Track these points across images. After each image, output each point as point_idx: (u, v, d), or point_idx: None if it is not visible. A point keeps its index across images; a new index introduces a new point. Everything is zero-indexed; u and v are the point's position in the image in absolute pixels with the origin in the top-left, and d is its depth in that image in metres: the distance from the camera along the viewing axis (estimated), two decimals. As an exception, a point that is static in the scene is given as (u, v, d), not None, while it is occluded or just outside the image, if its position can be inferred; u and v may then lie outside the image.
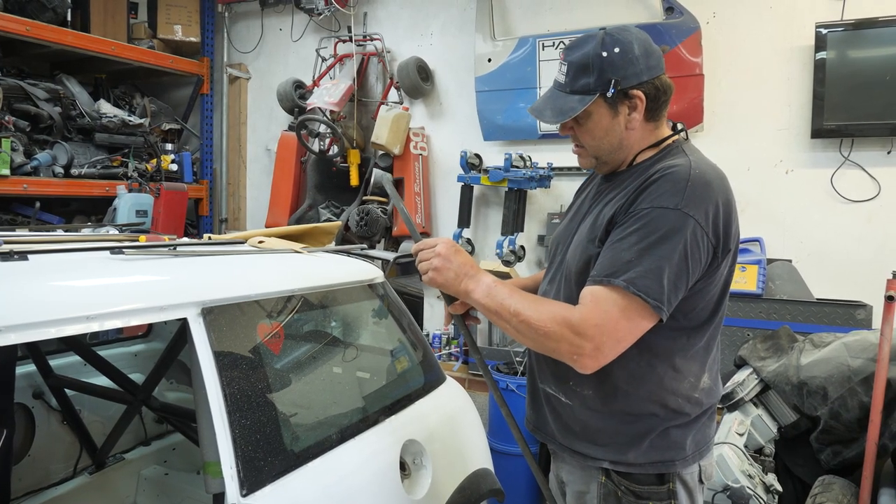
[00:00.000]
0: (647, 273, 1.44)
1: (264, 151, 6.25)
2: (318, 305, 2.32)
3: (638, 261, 1.45)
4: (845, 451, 3.12)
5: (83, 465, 2.93)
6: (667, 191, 1.49)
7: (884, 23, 3.67)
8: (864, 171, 3.89)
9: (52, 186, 4.79)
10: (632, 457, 1.60)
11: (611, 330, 1.45)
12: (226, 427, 1.65)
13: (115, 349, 3.24)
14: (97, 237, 2.43)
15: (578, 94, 1.61)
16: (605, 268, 1.49)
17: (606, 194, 1.68)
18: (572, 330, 1.45)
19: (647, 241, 1.46)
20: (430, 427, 2.40)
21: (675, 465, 1.61)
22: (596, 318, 1.45)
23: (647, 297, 1.43)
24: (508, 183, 4.58)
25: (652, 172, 1.55)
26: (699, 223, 1.46)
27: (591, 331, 1.45)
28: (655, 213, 1.47)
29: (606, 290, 1.46)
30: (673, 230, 1.45)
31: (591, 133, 1.66)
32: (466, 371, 4.71)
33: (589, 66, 1.58)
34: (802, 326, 3.54)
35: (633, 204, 1.52)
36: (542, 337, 1.49)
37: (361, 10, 5.56)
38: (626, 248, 1.47)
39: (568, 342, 1.46)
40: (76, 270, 1.68)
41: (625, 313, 1.45)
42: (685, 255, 1.45)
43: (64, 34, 4.86)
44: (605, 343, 1.45)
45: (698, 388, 1.62)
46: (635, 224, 1.49)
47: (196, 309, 1.72)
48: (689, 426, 1.62)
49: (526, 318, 1.51)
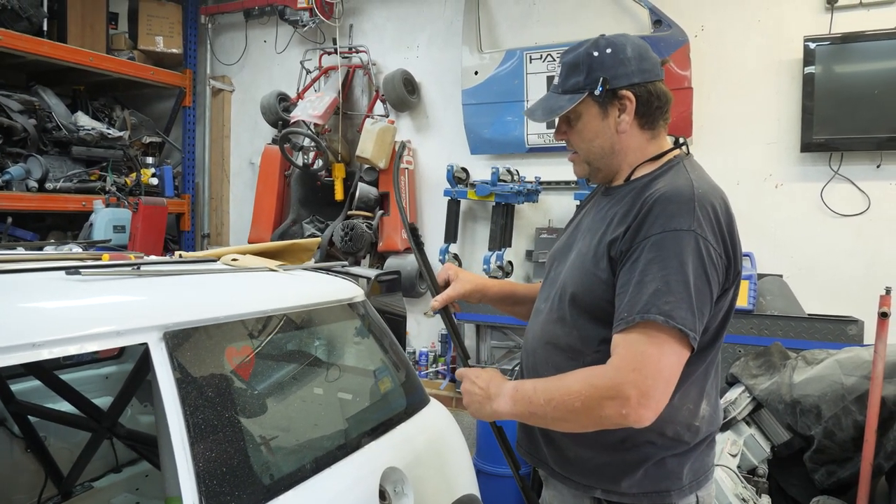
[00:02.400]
0: (679, 303, 1.35)
1: (248, 165, 6.16)
2: (294, 327, 2.22)
3: (667, 290, 1.36)
4: (840, 470, 3.06)
5: (48, 494, 2.79)
6: (675, 213, 1.40)
7: (872, 36, 3.65)
8: (854, 185, 3.85)
9: (25, 201, 4.68)
10: (625, 486, 1.52)
11: (653, 371, 1.34)
12: (188, 460, 1.54)
13: (85, 371, 3.12)
14: (57, 256, 2.32)
15: (569, 93, 1.58)
16: (633, 304, 1.38)
17: (606, 210, 1.60)
18: (609, 386, 1.35)
19: (670, 267, 1.37)
20: (412, 452, 2.30)
21: (671, 495, 1.52)
22: (632, 363, 1.35)
23: (685, 328, 1.34)
24: (496, 197, 4.53)
25: (652, 191, 1.48)
26: (712, 244, 1.40)
27: (631, 378, 1.33)
28: (670, 237, 1.39)
29: (640, 329, 1.36)
30: (690, 253, 1.38)
31: (582, 134, 1.62)
32: (453, 390, 4.61)
33: (579, 65, 1.57)
34: (794, 342, 3.49)
35: (641, 229, 1.43)
36: (584, 410, 1.37)
37: (347, 22, 5.49)
38: (650, 280, 1.37)
39: (610, 401, 1.34)
40: (23, 293, 1.57)
41: (663, 349, 1.35)
42: (707, 279, 1.39)
43: (39, 44, 4.77)
44: (651, 387, 1.33)
45: (697, 416, 1.53)
46: (652, 252, 1.39)
47: (158, 333, 1.61)
48: (687, 455, 1.54)
49: (558, 400, 1.40)
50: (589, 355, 1.53)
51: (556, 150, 4.60)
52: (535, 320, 1.71)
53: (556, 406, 1.40)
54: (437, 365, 5.04)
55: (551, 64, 4.44)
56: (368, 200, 5.06)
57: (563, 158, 4.61)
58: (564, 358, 1.57)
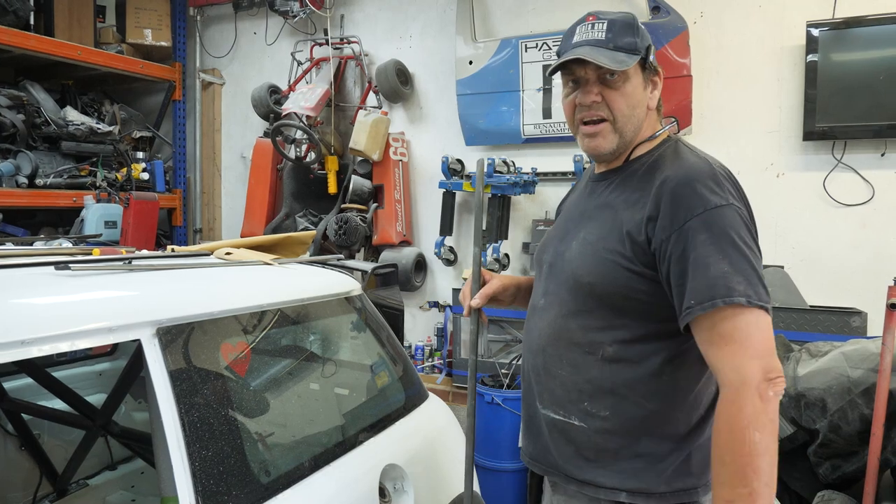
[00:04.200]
0: (749, 280, 1.32)
1: (239, 159, 6.08)
2: (290, 321, 2.16)
3: (733, 270, 1.32)
4: (845, 465, 3.02)
5: (43, 492, 2.75)
6: (711, 189, 1.38)
7: (876, 21, 3.58)
8: (858, 174, 3.80)
9: (15, 197, 4.61)
10: (653, 484, 1.45)
11: (765, 351, 1.30)
12: (184, 459, 1.50)
13: (79, 369, 3.06)
14: (46, 251, 2.25)
15: (625, 51, 1.47)
16: (697, 291, 1.33)
17: (608, 194, 1.54)
18: (745, 393, 1.28)
19: (728, 245, 1.33)
20: (411, 449, 2.26)
21: (698, 492, 1.47)
22: (743, 353, 1.30)
23: (764, 304, 1.31)
24: (492, 189, 4.47)
25: (665, 175, 1.43)
26: (744, 213, 1.40)
27: (753, 367, 1.28)
28: (714, 214, 1.35)
29: (727, 315, 1.31)
30: (739, 226, 1.36)
31: (628, 98, 1.49)
32: (450, 384, 4.56)
33: (634, 27, 1.50)
34: (797, 335, 3.45)
35: (677, 215, 1.37)
36: (758, 431, 1.27)
37: (338, 13, 5.41)
38: (713, 262, 1.32)
39: (760, 400, 1.27)
40: (11, 289, 1.51)
41: (762, 325, 1.31)
42: (756, 246, 1.39)
43: (26, 38, 4.67)
44: (771, 363, 1.29)
45: (714, 404, 1.47)
46: (701, 234, 1.34)
47: (150, 329, 1.56)
48: (705, 447, 1.47)
49: (754, 464, 1.27)
50: (609, 346, 1.47)
51: (552, 140, 4.54)
52: (540, 318, 1.62)
53: (755, 468, 1.27)
54: (434, 359, 4.99)
55: (547, 52, 4.38)
56: (362, 193, 5.00)
57: (560, 149, 4.61)
58: (581, 353, 1.50)
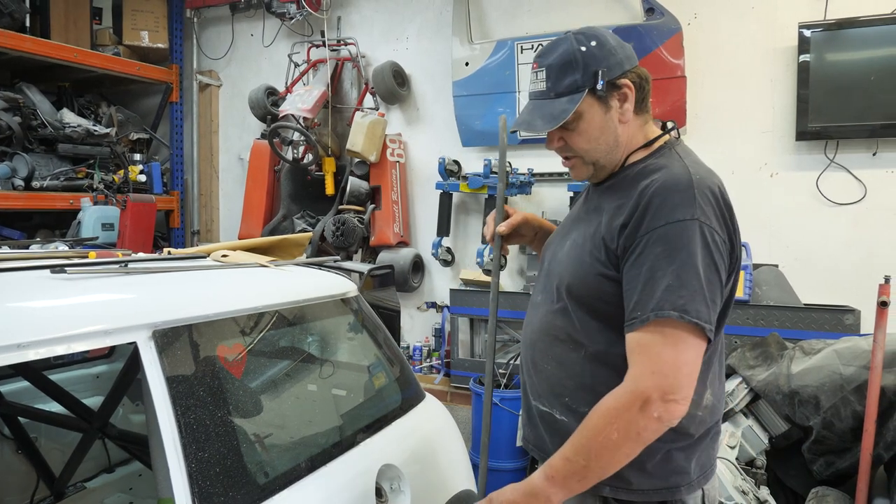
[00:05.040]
0: (692, 296, 1.32)
1: (237, 161, 6.08)
2: (287, 323, 2.17)
3: (679, 284, 1.33)
4: (838, 461, 3.05)
5: (40, 496, 2.74)
6: (677, 203, 1.38)
7: (867, 22, 3.61)
8: (850, 173, 3.82)
9: (12, 200, 4.60)
10: (634, 482, 1.48)
11: (672, 369, 1.33)
12: (180, 460, 1.51)
13: (75, 371, 3.06)
14: (43, 254, 2.26)
15: (566, 94, 1.51)
16: (646, 302, 1.36)
17: (598, 200, 1.59)
18: (632, 401, 1.32)
19: (678, 260, 1.34)
20: (408, 449, 2.27)
21: (681, 490, 1.49)
22: (649, 367, 1.33)
23: (701, 321, 1.32)
24: (488, 190, 4.49)
25: (648, 181, 1.44)
26: (716, 230, 1.38)
27: (651, 382, 1.32)
28: (674, 228, 1.36)
29: (654, 328, 1.34)
30: (697, 243, 1.35)
31: (586, 135, 1.55)
32: (448, 384, 4.58)
33: (572, 63, 1.50)
34: (790, 333, 3.47)
35: (643, 223, 1.40)
36: (623, 438, 1.33)
37: (335, 15, 5.42)
38: (660, 275, 1.35)
39: (640, 413, 1.32)
40: (7, 293, 1.52)
41: (680, 346, 1.33)
42: (715, 267, 1.37)
43: (22, 40, 4.67)
44: (672, 384, 1.32)
45: (701, 406, 1.50)
46: (658, 246, 1.37)
47: (147, 332, 1.57)
48: (693, 448, 1.51)
49: (595, 448, 1.36)
50: (589, 346, 1.51)
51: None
52: (534, 313, 1.69)
53: (598, 454, 1.36)
54: (432, 359, 5.00)
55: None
56: (360, 194, 5.01)
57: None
58: (565, 349, 1.55)
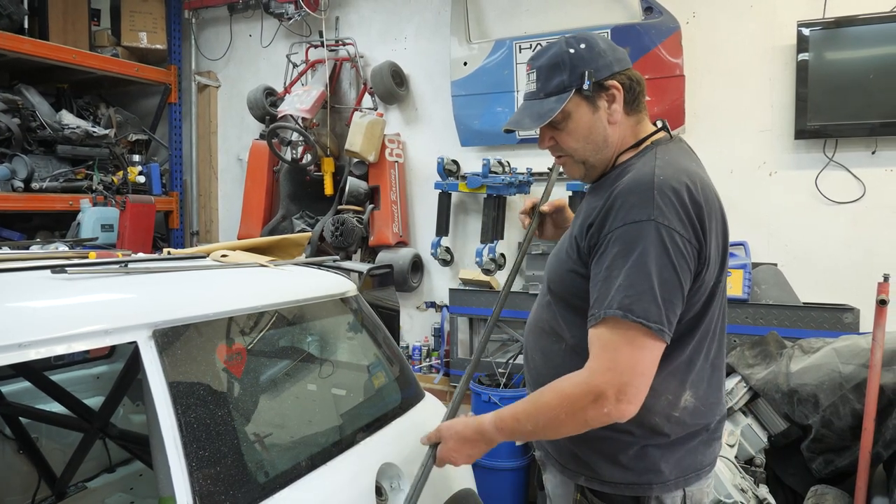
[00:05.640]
0: (640, 296, 1.35)
1: (236, 161, 6.08)
2: (286, 323, 2.18)
3: (627, 284, 1.36)
4: (837, 459, 3.05)
5: (42, 496, 2.76)
6: (635, 204, 1.41)
7: (866, 20, 3.61)
8: (849, 171, 3.82)
9: (11, 201, 4.60)
10: (606, 475, 1.55)
11: (626, 367, 1.36)
12: (181, 459, 1.51)
13: (76, 371, 3.07)
14: (43, 255, 2.27)
15: (554, 94, 1.57)
16: (598, 300, 1.41)
17: (588, 199, 1.65)
18: (586, 392, 1.38)
19: (631, 260, 1.37)
20: (408, 448, 2.26)
21: (653, 488, 1.52)
22: (605, 362, 1.38)
23: (647, 322, 1.34)
24: (487, 189, 4.48)
25: (619, 183, 1.48)
26: (676, 230, 1.38)
27: (606, 378, 1.36)
28: (630, 229, 1.39)
29: (607, 326, 1.39)
30: (652, 243, 1.37)
31: (574, 134, 1.60)
32: (447, 384, 4.58)
33: (559, 64, 1.56)
34: (789, 331, 3.47)
35: (605, 224, 1.45)
36: (569, 419, 1.42)
37: (333, 15, 5.42)
38: (616, 275, 1.39)
39: (591, 404, 1.38)
40: (8, 293, 1.52)
41: (634, 344, 1.36)
42: (673, 267, 1.37)
43: (20, 42, 4.66)
44: (626, 382, 1.36)
45: (678, 407, 1.52)
46: (615, 247, 1.41)
47: (147, 331, 1.58)
48: (671, 448, 1.53)
49: (544, 420, 1.45)
50: (569, 339, 1.59)
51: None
52: (534, 307, 1.79)
53: (544, 426, 1.46)
54: (431, 359, 5.00)
55: (541, 54, 4.39)
56: (358, 195, 5.01)
57: (554, 149, 4.62)
58: (549, 341, 1.64)
